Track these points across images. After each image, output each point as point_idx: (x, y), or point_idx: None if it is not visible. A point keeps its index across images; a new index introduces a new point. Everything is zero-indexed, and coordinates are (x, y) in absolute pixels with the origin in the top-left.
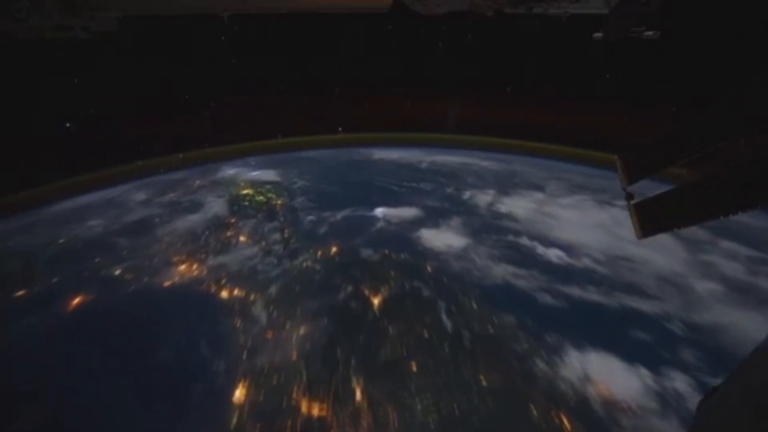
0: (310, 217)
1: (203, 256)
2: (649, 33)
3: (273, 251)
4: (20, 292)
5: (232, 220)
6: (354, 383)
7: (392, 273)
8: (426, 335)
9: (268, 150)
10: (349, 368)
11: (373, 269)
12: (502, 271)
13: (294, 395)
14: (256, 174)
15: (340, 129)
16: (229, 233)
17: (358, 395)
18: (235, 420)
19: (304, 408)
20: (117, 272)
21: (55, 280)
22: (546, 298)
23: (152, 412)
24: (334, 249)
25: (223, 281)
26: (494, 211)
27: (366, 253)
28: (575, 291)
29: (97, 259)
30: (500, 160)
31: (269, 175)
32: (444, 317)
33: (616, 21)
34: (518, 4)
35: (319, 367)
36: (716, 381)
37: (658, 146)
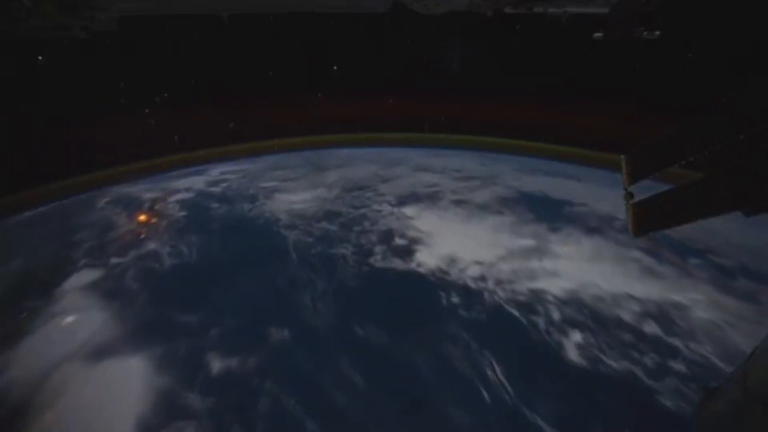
0: None
1: None
2: (649, 33)
3: None
4: None
5: None
6: None
7: None
8: None
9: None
10: None
11: None
12: None
13: None
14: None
15: (275, 142)
16: None
17: None
18: None
19: None
20: None
21: None
22: None
23: None
24: None
25: None
26: None
27: None
28: None
29: None
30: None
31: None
32: None
33: (616, 21)
34: (518, 4)
35: None
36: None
37: (659, 147)
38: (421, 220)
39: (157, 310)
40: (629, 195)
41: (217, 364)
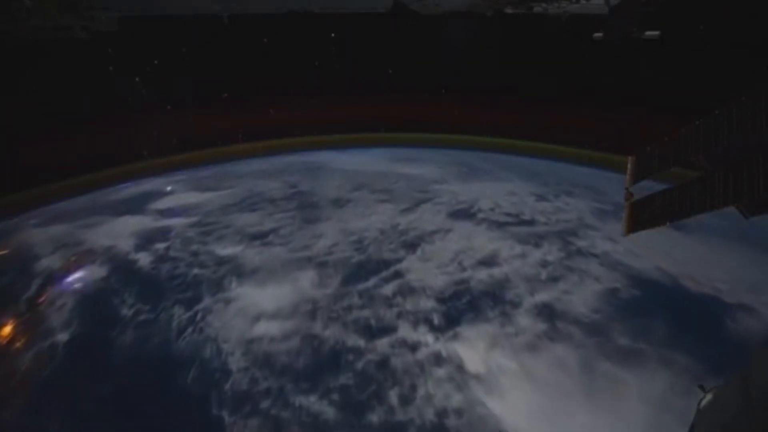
0: None
1: None
2: (650, 33)
3: None
4: None
5: None
6: None
7: None
8: None
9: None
10: None
11: None
12: None
13: None
14: None
15: (262, 144)
16: None
17: None
18: None
19: None
20: None
21: None
22: None
23: None
24: None
25: None
26: None
27: None
28: None
29: None
30: None
31: None
32: None
33: (616, 21)
34: (518, 4)
35: None
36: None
37: (664, 148)
38: (502, 395)
39: None
40: (629, 195)
41: None
